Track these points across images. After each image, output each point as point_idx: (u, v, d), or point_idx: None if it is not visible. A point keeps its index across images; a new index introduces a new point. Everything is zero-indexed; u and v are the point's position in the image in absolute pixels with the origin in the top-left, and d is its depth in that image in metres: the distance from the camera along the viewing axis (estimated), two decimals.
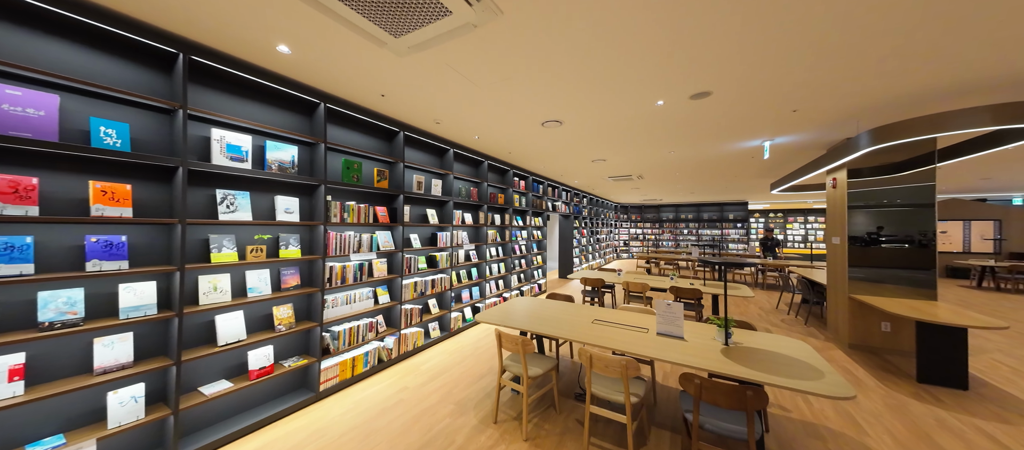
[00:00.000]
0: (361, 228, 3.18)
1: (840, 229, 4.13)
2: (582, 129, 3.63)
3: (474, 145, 4.40)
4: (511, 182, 5.60)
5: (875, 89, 2.60)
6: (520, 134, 3.85)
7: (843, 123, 3.40)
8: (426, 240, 3.97)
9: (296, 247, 2.59)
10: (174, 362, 1.98)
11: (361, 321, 3.04)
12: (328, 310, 2.78)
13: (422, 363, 3.35)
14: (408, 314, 3.46)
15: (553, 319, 2.67)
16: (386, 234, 3.33)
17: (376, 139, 3.38)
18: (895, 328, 3.77)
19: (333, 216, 2.77)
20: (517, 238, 5.90)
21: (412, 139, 3.75)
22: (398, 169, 3.42)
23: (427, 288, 3.71)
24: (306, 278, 2.74)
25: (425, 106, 3.00)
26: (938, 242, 3.70)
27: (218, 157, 2.19)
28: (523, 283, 6.08)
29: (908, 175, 3.69)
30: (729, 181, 7.60)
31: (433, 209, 4.01)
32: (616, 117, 3.23)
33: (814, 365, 1.91)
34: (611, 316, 2.77)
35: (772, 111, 3.03)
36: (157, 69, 2.05)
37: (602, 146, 4.42)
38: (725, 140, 4.05)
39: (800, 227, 14.86)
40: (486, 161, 4.88)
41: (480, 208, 4.93)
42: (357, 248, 2.98)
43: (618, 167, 6.02)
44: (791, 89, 2.59)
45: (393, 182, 3.45)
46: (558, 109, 3.06)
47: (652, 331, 2.47)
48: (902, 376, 3.20)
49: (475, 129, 3.67)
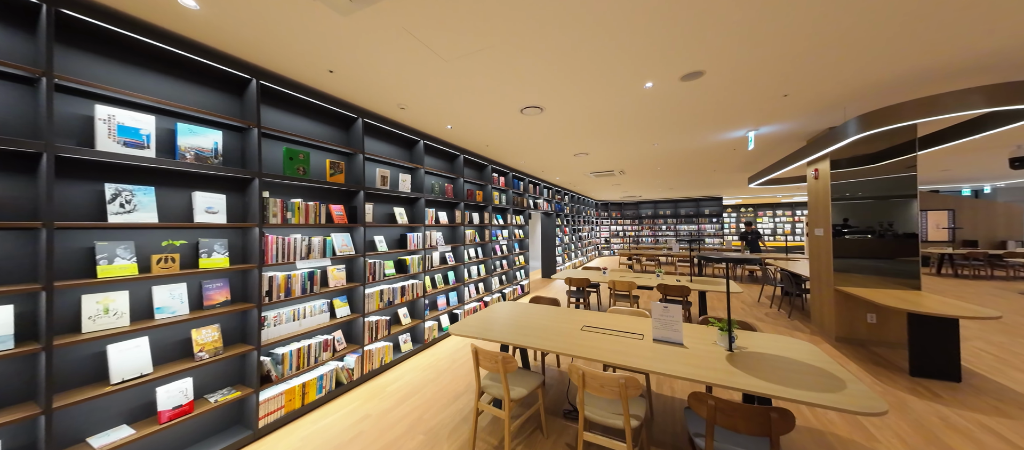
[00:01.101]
0: (311, 230, 2.73)
1: (823, 220, 4.07)
2: (565, 117, 3.33)
3: (447, 136, 4.01)
4: (490, 178, 5.24)
5: (868, 72, 2.45)
6: (498, 123, 3.51)
7: (829, 110, 3.29)
8: (394, 242, 3.54)
9: (223, 255, 2.12)
10: (43, 410, 1.49)
11: (313, 339, 2.59)
12: (269, 329, 2.32)
13: (390, 383, 2.93)
14: (373, 327, 3.03)
15: (538, 327, 2.34)
16: (344, 237, 2.89)
17: (328, 126, 2.93)
18: (881, 319, 3.72)
19: (272, 216, 2.31)
20: (497, 238, 5.55)
21: (373, 128, 3.31)
22: (357, 162, 2.98)
23: (396, 296, 3.29)
24: (238, 292, 2.27)
25: (385, 86, 2.60)
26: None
27: (105, 142, 1.70)
28: (505, 285, 5.73)
29: (890, 164, 3.65)
30: (709, 175, 7.59)
31: (402, 208, 3.59)
32: (601, 103, 2.95)
33: (831, 372, 1.69)
34: (601, 321, 2.48)
35: (763, 95, 2.84)
36: (15, 25, 1.55)
37: (586, 137, 4.15)
38: (711, 129, 3.88)
39: (769, 221, 15.41)
40: (462, 155, 4.50)
41: (457, 206, 4.54)
42: (306, 254, 2.53)
43: (601, 161, 5.80)
44: (785, 70, 2.40)
45: (351, 176, 3.00)
46: (538, 93, 2.74)
47: (648, 337, 2.20)
48: (894, 370, 3.11)
49: (447, 116, 3.29)
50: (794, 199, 15.01)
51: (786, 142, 4.56)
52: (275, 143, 2.52)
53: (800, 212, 14.93)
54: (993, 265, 7.67)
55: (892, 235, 3.67)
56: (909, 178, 3.57)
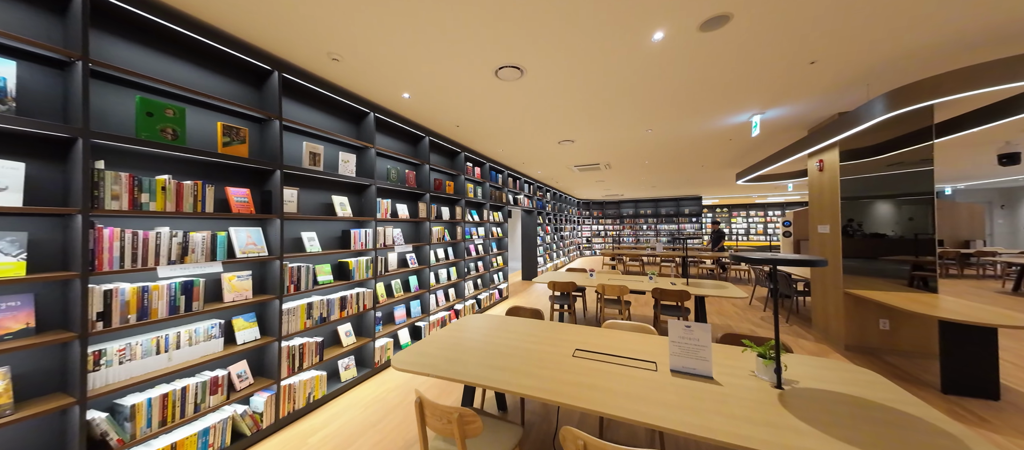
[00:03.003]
0: (188, 221, 1.94)
1: (830, 216, 3.69)
2: (549, 84, 2.71)
3: (407, 110, 3.28)
4: (463, 168, 4.55)
5: (903, 37, 2.00)
6: (468, 91, 2.83)
7: (850, 87, 2.87)
8: (333, 241, 2.78)
9: (17, 258, 1.32)
10: None
11: (194, 379, 1.81)
12: (109, 370, 1.53)
13: (316, 429, 2.18)
14: (296, 354, 2.27)
15: (515, 353, 1.70)
16: (250, 232, 2.11)
17: (225, 79, 2.14)
18: (894, 326, 3.37)
19: (110, 198, 1.53)
20: (472, 236, 4.86)
21: (298, 87, 2.52)
22: (272, 131, 2.21)
23: (333, 310, 2.54)
24: (53, 315, 1.46)
25: (309, 24, 1.86)
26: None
27: None
28: (480, 290, 5.05)
29: (904, 154, 3.31)
30: (695, 171, 7.26)
31: (344, 197, 2.83)
32: (596, 64, 2.35)
33: (930, 421, 1.16)
34: (597, 341, 1.87)
35: (789, 57, 2.34)
36: None
37: (573, 114, 3.56)
38: (714, 110, 3.39)
39: (743, 221, 15.69)
40: (428, 137, 3.79)
41: (421, 198, 3.82)
42: (178, 256, 1.75)
43: (587, 151, 5.25)
44: (818, 25, 1.89)
45: (263, 150, 2.23)
46: (519, 47, 2.10)
47: (661, 364, 1.62)
48: (922, 385, 2.72)
49: (401, 78, 2.58)
50: (768, 200, 15.32)
51: (786, 132, 4.18)
52: (119, 90, 1.70)
53: (771, 213, 15.25)
54: (963, 264, 7.85)
55: (907, 233, 3.34)
56: (925, 172, 3.22)
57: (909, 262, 3.31)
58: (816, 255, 4.00)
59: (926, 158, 3.22)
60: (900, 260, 3.35)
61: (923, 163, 3.23)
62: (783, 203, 15.16)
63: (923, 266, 3.25)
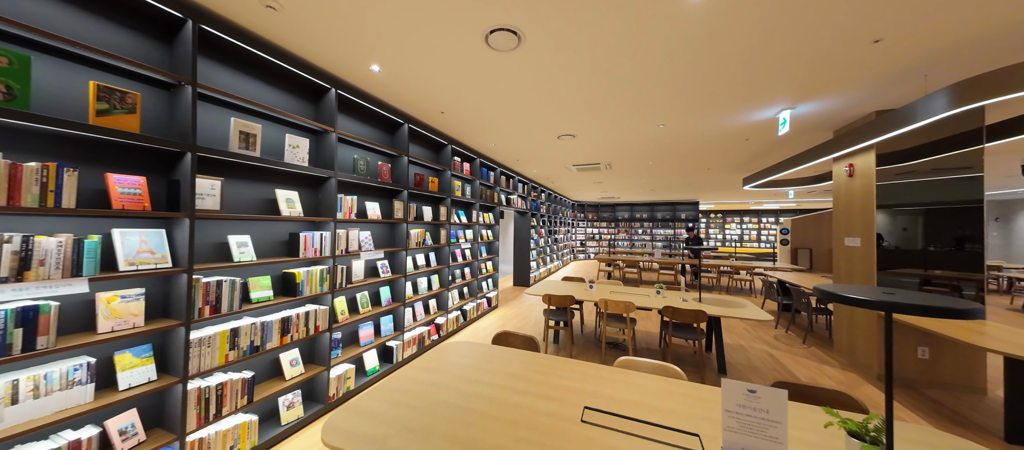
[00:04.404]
0: (32, 219, 1.39)
1: (861, 228, 3.29)
2: (552, 58, 2.22)
3: (378, 89, 2.75)
4: (450, 163, 4.02)
5: (973, 18, 1.57)
6: (453, 65, 2.32)
7: (907, 76, 2.45)
8: (275, 247, 2.23)
9: None
10: None
11: (40, 445, 1.26)
12: None
13: None
14: (209, 398, 1.72)
15: (504, 414, 1.19)
16: (146, 235, 1.56)
17: (118, 28, 1.59)
18: (933, 355, 2.98)
19: None
20: (459, 239, 4.33)
21: (223, 45, 1.93)
22: (183, 100, 1.65)
23: (270, 335, 1.99)
24: None
25: None
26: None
27: None
28: (467, 299, 4.52)
29: (944, 159, 2.92)
30: (700, 174, 6.86)
31: (293, 191, 2.28)
32: (613, 29, 1.86)
33: None
34: (612, 390, 1.38)
35: (850, 32, 1.89)
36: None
37: (577, 103, 3.07)
38: (740, 102, 2.95)
39: (736, 227, 15.56)
40: (406, 124, 3.25)
41: (397, 195, 3.29)
42: (16, 273, 1.19)
43: (588, 149, 4.78)
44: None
45: (171, 128, 1.67)
46: (515, 7, 1.60)
47: (708, 440, 1.14)
48: (979, 431, 2.31)
49: (367, 43, 2.05)
50: (764, 207, 15.14)
51: (810, 133, 3.78)
52: None
53: (765, 220, 15.09)
54: None
55: (948, 247, 2.95)
56: (975, 180, 2.84)
57: (953, 279, 2.92)
58: (840, 271, 3.59)
59: (972, 164, 2.84)
60: (943, 277, 2.96)
61: (965, 168, 2.85)
62: (777, 210, 15.02)
63: (969, 285, 2.86)
